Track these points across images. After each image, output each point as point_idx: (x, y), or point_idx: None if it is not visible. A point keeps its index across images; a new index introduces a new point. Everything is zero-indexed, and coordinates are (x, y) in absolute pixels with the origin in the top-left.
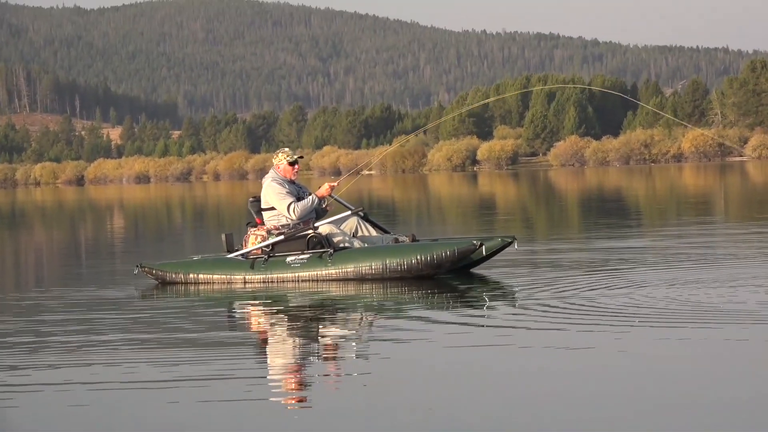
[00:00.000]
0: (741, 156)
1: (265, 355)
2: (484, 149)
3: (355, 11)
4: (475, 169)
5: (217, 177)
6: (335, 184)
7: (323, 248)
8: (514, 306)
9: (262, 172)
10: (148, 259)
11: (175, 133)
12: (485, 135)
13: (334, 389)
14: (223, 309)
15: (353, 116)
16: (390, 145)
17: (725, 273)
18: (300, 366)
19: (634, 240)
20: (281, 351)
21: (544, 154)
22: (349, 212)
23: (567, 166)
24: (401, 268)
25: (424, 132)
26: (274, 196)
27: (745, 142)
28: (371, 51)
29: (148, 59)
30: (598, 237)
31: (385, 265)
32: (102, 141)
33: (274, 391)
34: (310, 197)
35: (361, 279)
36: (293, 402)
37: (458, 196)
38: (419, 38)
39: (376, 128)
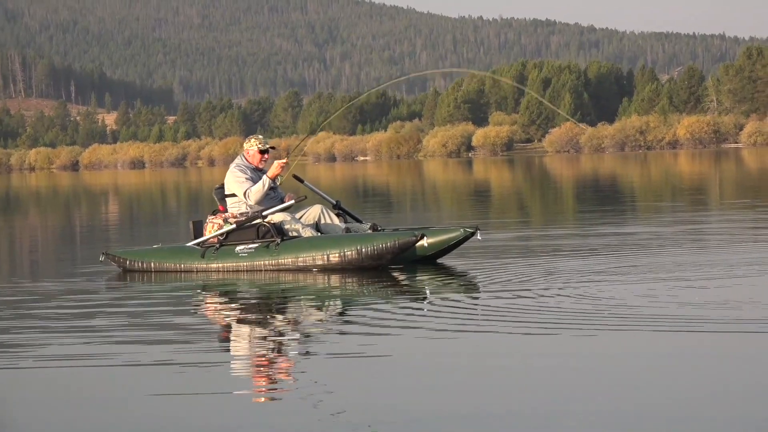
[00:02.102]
0: (736, 143)
1: (188, 346)
2: (479, 135)
3: None
4: (470, 155)
5: (212, 162)
6: (284, 162)
7: (272, 238)
8: (454, 300)
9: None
10: (127, 246)
11: (171, 119)
12: (480, 121)
13: (275, 379)
14: (165, 298)
15: (348, 102)
16: (385, 131)
17: (709, 258)
18: (233, 357)
19: (616, 227)
20: (198, 342)
21: (540, 140)
22: (291, 201)
23: (562, 152)
24: (343, 259)
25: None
26: (233, 182)
27: (741, 129)
28: (367, 37)
29: (143, 45)
30: (580, 224)
31: (327, 256)
32: (97, 126)
33: (209, 381)
34: (262, 179)
35: (304, 270)
36: (238, 392)
37: (453, 182)
38: (415, 24)
39: (372, 114)
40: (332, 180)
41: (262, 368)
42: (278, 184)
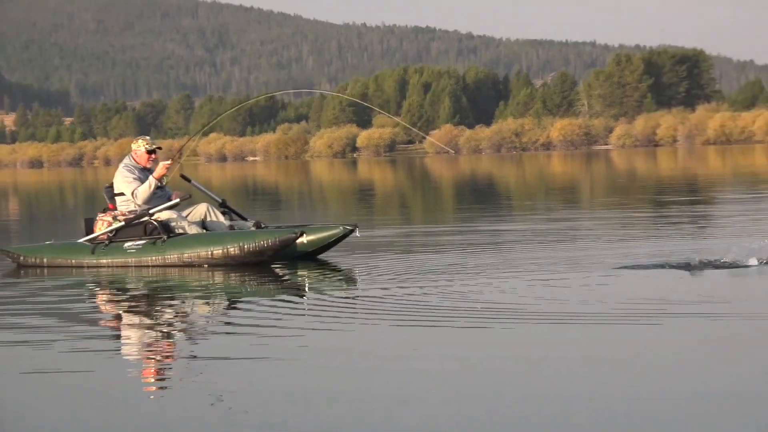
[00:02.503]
0: (606, 145)
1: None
2: (363, 137)
3: (241, 4)
4: (354, 156)
5: (107, 162)
6: (169, 162)
7: (159, 235)
8: (331, 295)
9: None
10: (22, 243)
11: (68, 120)
12: (365, 123)
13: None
14: (62, 293)
15: (238, 104)
16: (274, 132)
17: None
18: (122, 351)
19: (491, 224)
20: (86, 336)
21: (420, 142)
22: (177, 200)
23: (441, 153)
24: (225, 255)
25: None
26: (122, 181)
27: (611, 132)
28: (256, 42)
29: (40, 49)
30: (457, 222)
31: (211, 252)
32: None
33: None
34: (148, 180)
35: (189, 265)
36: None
37: (338, 182)
38: (302, 30)
39: (260, 116)
40: (223, 179)
41: (148, 361)
42: (164, 183)
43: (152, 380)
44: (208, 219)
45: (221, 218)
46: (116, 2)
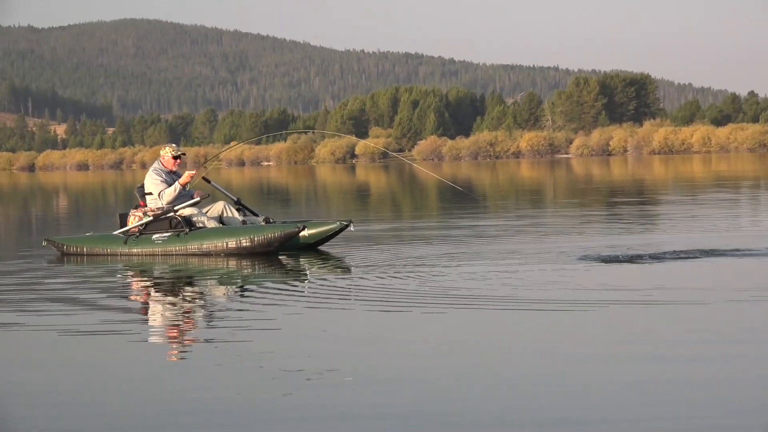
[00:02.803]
0: (567, 154)
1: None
2: (361, 146)
3: (258, 33)
4: (353, 162)
5: (143, 166)
6: (194, 173)
7: (182, 228)
8: (329, 280)
9: (194, 164)
10: (66, 234)
11: (110, 130)
12: (362, 134)
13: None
14: (99, 277)
15: (255, 118)
16: (285, 141)
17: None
18: (150, 327)
19: (471, 220)
20: (120, 313)
21: (410, 150)
22: (198, 199)
23: (427, 160)
24: (239, 246)
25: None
26: (151, 183)
27: (570, 143)
28: (271, 65)
29: (88, 69)
30: (441, 218)
31: (226, 243)
32: (50, 135)
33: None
34: (174, 185)
35: (208, 255)
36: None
37: (339, 183)
38: (310, 55)
39: (274, 128)
40: (241, 181)
41: (172, 334)
42: (187, 189)
43: (174, 353)
44: (225, 215)
45: (236, 214)
46: (153, 30)
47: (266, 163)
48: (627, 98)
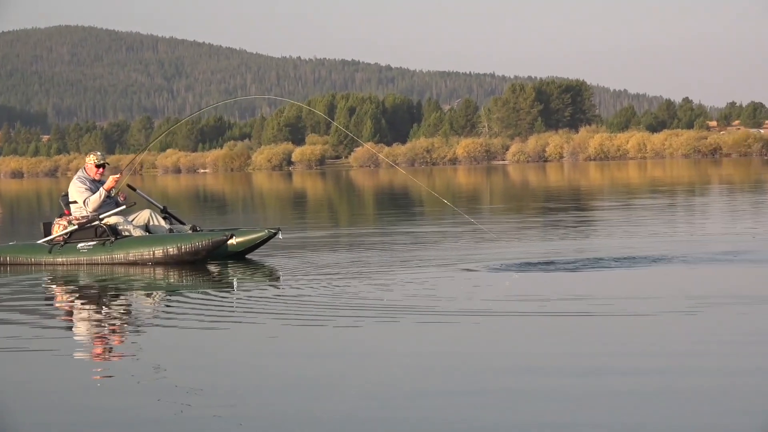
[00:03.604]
0: (503, 160)
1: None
2: (297, 153)
3: (194, 39)
4: (290, 168)
5: None
6: (118, 176)
7: (108, 237)
8: (257, 289)
9: (116, 169)
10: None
11: (45, 138)
12: (299, 141)
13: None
14: (22, 287)
15: (191, 125)
16: (221, 148)
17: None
18: (73, 339)
19: (406, 226)
20: (42, 326)
21: (346, 157)
22: (123, 207)
23: (364, 167)
24: (165, 254)
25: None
26: (75, 191)
27: (507, 149)
28: (207, 72)
29: (23, 76)
30: (376, 225)
31: (153, 252)
32: None
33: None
34: (98, 191)
35: (134, 264)
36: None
37: (275, 191)
38: (246, 62)
39: (210, 135)
40: (177, 188)
41: (96, 348)
42: (113, 194)
43: (98, 366)
44: (151, 223)
45: (162, 222)
46: (88, 37)
47: (202, 170)
48: (563, 105)
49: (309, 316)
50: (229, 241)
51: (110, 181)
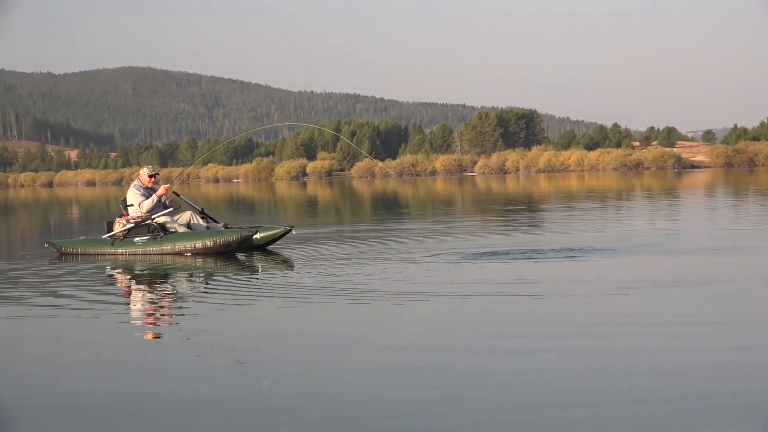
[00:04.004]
0: (472, 172)
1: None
2: (311, 166)
3: (230, 77)
4: (305, 179)
5: None
6: (168, 185)
7: (158, 233)
8: (278, 274)
9: (167, 179)
10: (64, 237)
11: (113, 154)
12: (312, 157)
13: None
14: (90, 272)
15: (227, 145)
16: (251, 162)
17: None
18: (132, 312)
19: (398, 224)
20: (110, 301)
21: (349, 169)
22: (172, 209)
23: (363, 177)
24: (203, 246)
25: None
26: (132, 196)
27: (475, 164)
28: (240, 103)
29: (95, 107)
30: (374, 223)
31: (194, 244)
32: (65, 159)
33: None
34: (151, 197)
35: (179, 254)
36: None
37: (294, 196)
38: (270, 95)
39: (242, 152)
40: (216, 194)
41: (148, 318)
42: (163, 201)
43: (151, 330)
44: (192, 222)
45: (200, 221)
46: (146, 75)
47: (236, 180)
48: (519, 129)
49: (318, 293)
50: (254, 236)
51: (161, 189)
